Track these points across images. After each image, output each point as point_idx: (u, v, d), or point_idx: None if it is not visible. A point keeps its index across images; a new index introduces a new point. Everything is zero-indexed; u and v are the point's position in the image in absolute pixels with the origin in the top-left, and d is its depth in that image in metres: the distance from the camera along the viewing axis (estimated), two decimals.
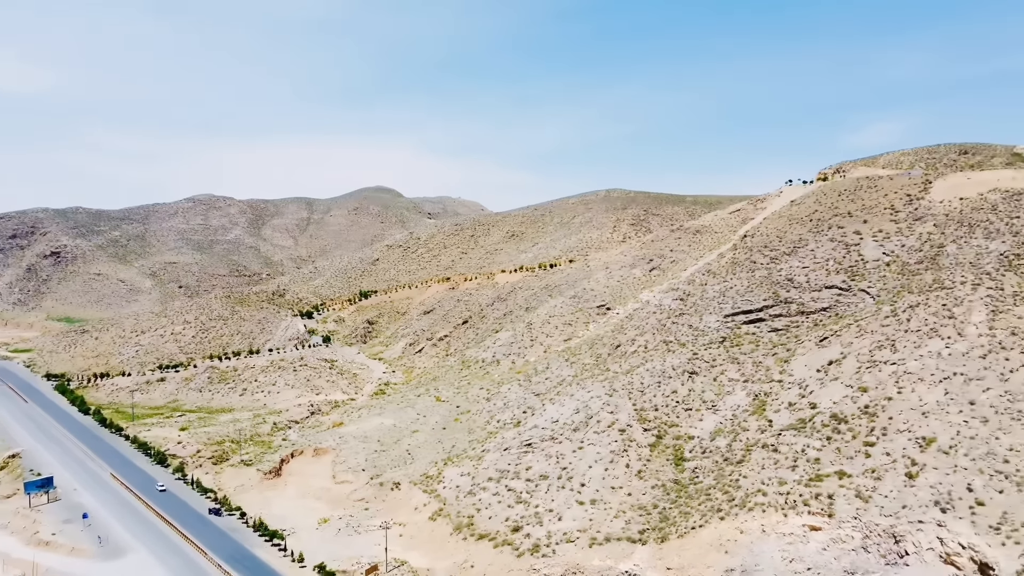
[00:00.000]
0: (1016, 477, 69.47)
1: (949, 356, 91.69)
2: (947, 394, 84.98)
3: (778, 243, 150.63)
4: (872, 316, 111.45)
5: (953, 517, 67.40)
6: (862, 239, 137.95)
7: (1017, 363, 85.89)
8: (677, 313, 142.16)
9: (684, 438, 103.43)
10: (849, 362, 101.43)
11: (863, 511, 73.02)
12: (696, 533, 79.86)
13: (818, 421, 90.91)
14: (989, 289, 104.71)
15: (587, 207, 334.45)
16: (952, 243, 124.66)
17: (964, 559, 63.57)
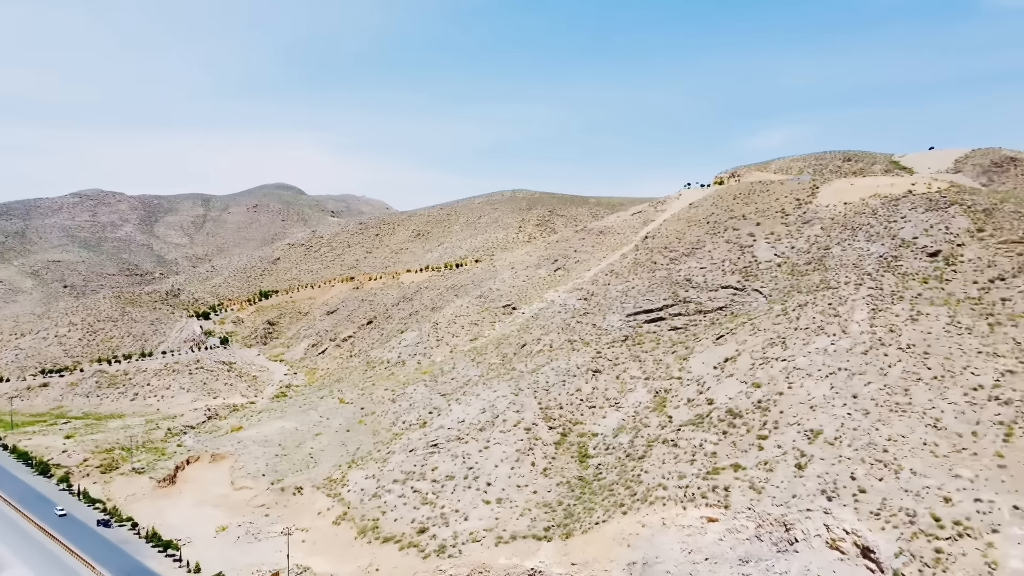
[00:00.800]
0: (894, 465, 74.05)
1: (834, 352, 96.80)
2: (832, 388, 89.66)
3: (677, 244, 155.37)
4: (765, 315, 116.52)
5: (838, 504, 71.24)
6: (755, 241, 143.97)
7: (895, 358, 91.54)
8: (581, 312, 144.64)
9: (588, 435, 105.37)
10: (744, 359, 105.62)
11: (756, 502, 76.20)
12: (600, 528, 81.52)
13: (715, 416, 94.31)
14: (870, 289, 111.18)
15: (493, 207, 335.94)
16: (837, 245, 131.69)
17: (848, 544, 67.24)
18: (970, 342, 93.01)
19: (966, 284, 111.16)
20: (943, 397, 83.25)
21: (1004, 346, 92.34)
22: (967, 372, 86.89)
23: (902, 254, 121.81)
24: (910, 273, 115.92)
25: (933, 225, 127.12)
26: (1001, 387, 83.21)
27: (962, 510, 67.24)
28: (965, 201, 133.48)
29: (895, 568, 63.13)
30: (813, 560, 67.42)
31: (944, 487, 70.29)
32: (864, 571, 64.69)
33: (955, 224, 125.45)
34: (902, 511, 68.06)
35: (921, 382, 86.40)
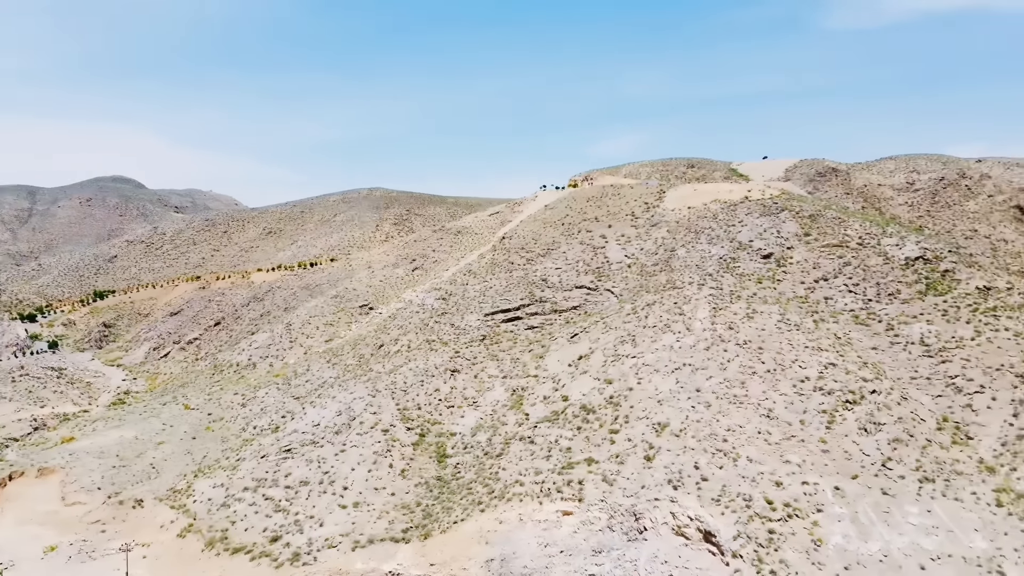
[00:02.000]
0: (733, 454, 79.10)
1: (679, 349, 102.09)
2: (678, 383, 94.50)
3: (534, 245, 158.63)
4: (616, 314, 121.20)
5: (683, 493, 75.23)
6: (607, 242, 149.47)
7: (733, 354, 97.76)
8: (439, 312, 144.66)
9: (446, 435, 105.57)
10: (596, 356, 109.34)
11: (609, 493, 79.10)
12: (458, 527, 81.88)
13: (569, 412, 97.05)
14: (711, 289, 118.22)
15: (349, 205, 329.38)
16: (682, 247, 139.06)
17: (692, 529, 71.14)
18: (798, 337, 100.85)
19: (795, 284, 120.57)
20: (775, 389, 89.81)
21: (827, 340, 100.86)
22: (795, 365, 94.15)
23: (740, 256, 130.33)
24: (746, 274, 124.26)
25: (767, 229, 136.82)
26: (824, 378, 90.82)
27: (791, 493, 72.83)
28: (794, 207, 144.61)
29: (733, 550, 67.36)
30: (660, 547, 70.80)
31: (776, 472, 75.83)
32: (706, 554, 68.67)
33: (785, 229, 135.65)
34: (739, 496, 72.78)
35: (756, 375, 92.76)
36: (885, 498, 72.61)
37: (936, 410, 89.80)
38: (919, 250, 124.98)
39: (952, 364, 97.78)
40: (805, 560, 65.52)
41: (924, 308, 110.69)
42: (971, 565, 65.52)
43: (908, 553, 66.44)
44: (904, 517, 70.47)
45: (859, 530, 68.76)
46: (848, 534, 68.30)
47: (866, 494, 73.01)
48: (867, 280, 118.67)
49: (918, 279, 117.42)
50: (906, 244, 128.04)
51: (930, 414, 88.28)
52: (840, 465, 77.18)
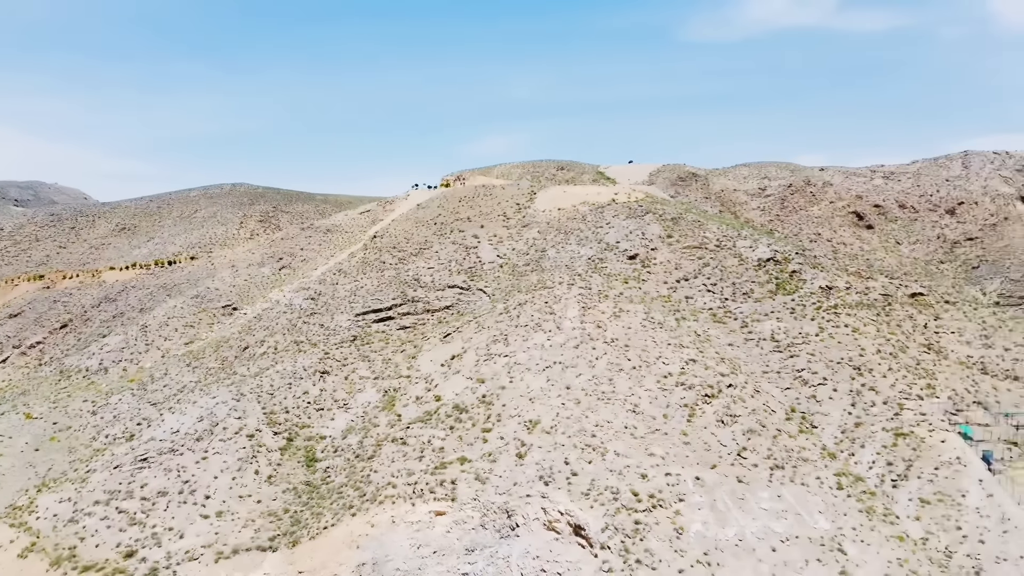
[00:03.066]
0: (601, 449, 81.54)
1: (550, 347, 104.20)
2: (549, 381, 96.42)
3: (406, 244, 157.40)
4: (488, 313, 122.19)
5: (554, 488, 76.84)
6: (480, 242, 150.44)
7: (601, 352, 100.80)
8: (308, 313, 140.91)
9: (316, 438, 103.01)
10: (469, 356, 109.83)
11: (481, 492, 79.66)
12: (328, 533, 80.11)
13: (442, 412, 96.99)
14: (581, 289, 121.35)
15: (212, 201, 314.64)
16: (552, 248, 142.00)
17: (563, 524, 72.80)
18: (661, 335, 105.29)
19: (658, 284, 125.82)
20: (640, 385, 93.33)
21: (688, 338, 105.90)
22: (659, 362, 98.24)
23: (607, 257, 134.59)
24: (614, 274, 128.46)
25: (632, 231, 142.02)
26: (686, 374, 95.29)
27: (655, 484, 75.93)
28: (658, 210, 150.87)
29: (602, 541, 69.48)
30: (532, 542, 72.01)
31: (641, 465, 78.82)
32: (576, 547, 70.47)
33: (650, 231, 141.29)
34: (608, 489, 75.16)
35: (623, 372, 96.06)
36: (740, 486, 77.02)
37: (785, 401, 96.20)
38: (770, 252, 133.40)
39: (799, 358, 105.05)
40: (668, 548, 68.50)
41: (775, 306, 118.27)
42: (816, 545, 70.62)
43: (761, 536, 70.78)
44: (757, 503, 75.02)
45: (717, 517, 72.59)
46: (707, 521, 71.96)
47: (723, 483, 77.17)
48: (724, 280, 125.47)
49: (769, 279, 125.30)
50: (759, 246, 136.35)
51: (780, 405, 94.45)
52: (700, 456, 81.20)
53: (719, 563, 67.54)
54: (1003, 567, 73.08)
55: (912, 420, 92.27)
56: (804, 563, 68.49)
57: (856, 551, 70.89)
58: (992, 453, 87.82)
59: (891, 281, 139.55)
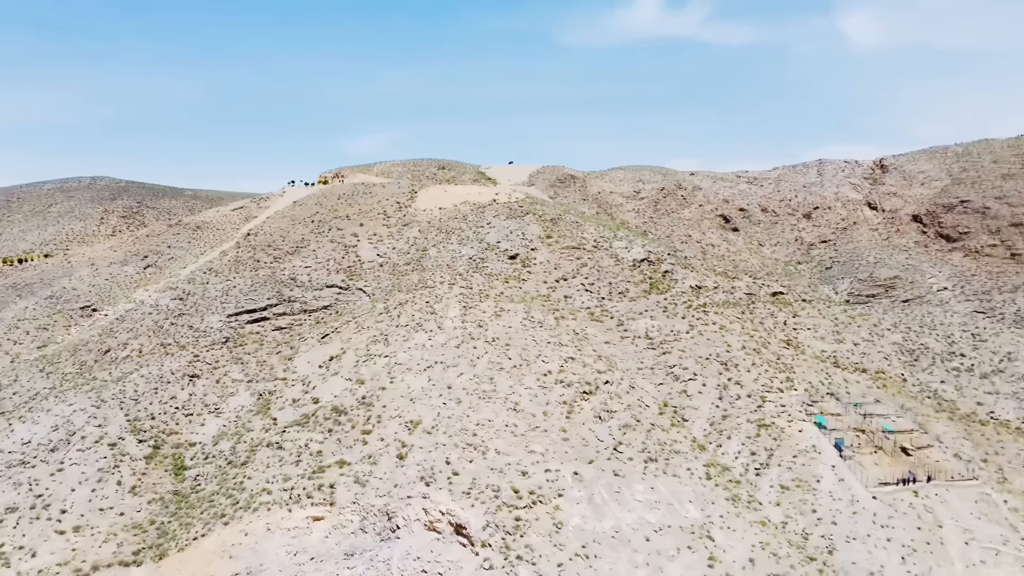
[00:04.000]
0: (482, 447, 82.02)
1: (431, 347, 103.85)
2: (430, 381, 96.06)
3: (282, 242, 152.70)
4: (368, 313, 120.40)
5: (435, 488, 76.63)
6: (359, 241, 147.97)
7: (482, 351, 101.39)
8: (176, 314, 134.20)
9: (185, 445, 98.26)
10: (348, 357, 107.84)
11: (361, 495, 78.38)
12: (198, 543, 76.56)
13: (320, 415, 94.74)
14: (462, 288, 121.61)
15: (68, 195, 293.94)
16: (433, 247, 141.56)
17: (444, 524, 72.72)
18: (541, 334, 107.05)
19: (538, 284, 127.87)
20: (521, 383, 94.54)
21: (567, 336, 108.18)
22: (539, 360, 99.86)
23: (488, 256, 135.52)
24: (494, 274, 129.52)
25: (513, 231, 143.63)
26: (565, 372, 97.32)
27: (536, 481, 77.13)
28: (537, 211, 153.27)
29: (483, 539, 69.91)
30: (413, 544, 71.55)
31: (522, 462, 79.86)
32: (458, 546, 70.57)
33: (530, 231, 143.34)
34: (488, 488, 75.68)
35: (503, 371, 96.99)
36: (617, 479, 79.41)
37: (658, 396, 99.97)
38: (644, 252, 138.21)
39: (671, 355, 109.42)
40: (548, 543, 69.72)
41: (648, 305, 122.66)
42: (687, 533, 73.78)
43: (636, 527, 73.25)
44: (632, 495, 77.59)
45: (595, 510, 74.55)
46: (585, 515, 73.78)
47: (601, 477, 79.33)
48: (601, 280, 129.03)
49: (644, 279, 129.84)
50: (633, 247, 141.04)
51: (653, 400, 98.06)
52: (578, 452, 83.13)
53: (596, 555, 69.37)
54: (853, 545, 78.85)
55: (773, 412, 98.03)
56: (676, 551, 71.41)
57: (723, 537, 74.56)
58: (843, 441, 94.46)
59: (754, 281, 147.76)
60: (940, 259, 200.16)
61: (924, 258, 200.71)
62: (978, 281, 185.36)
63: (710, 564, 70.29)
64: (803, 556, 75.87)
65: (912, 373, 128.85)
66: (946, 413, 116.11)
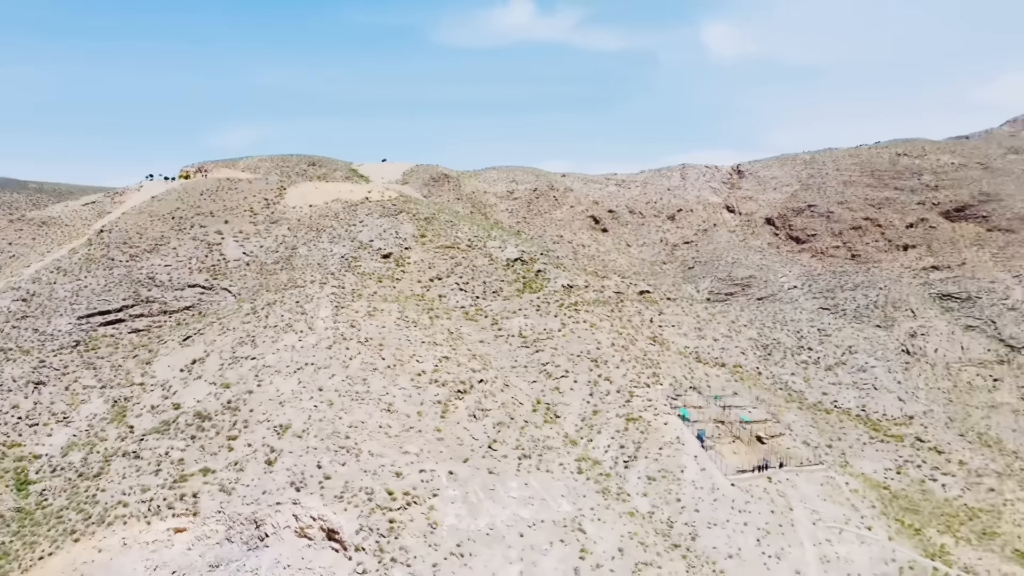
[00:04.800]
0: (355, 450, 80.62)
1: (302, 348, 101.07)
2: (300, 383, 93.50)
3: (139, 240, 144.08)
4: (234, 314, 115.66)
5: (306, 494, 74.66)
6: (224, 239, 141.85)
7: (355, 351, 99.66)
8: (19, 316, 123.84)
9: (29, 458, 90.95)
10: (212, 359, 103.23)
11: (227, 504, 75.28)
12: (45, 563, 71.20)
13: (182, 421, 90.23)
14: (334, 287, 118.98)
15: None
16: (304, 245, 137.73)
17: (315, 529, 71.01)
18: (416, 334, 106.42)
19: (412, 283, 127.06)
20: (395, 384, 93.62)
21: (441, 336, 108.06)
22: (413, 360, 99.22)
23: (361, 255, 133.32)
24: (368, 273, 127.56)
25: (386, 230, 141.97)
26: (439, 371, 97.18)
27: (410, 481, 76.62)
28: (411, 210, 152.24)
29: (356, 543, 68.80)
30: (283, 551, 69.45)
31: (396, 463, 79.11)
32: (330, 552, 69.07)
33: (403, 230, 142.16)
34: (362, 491, 74.51)
35: (377, 371, 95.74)
36: (491, 477, 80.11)
37: (532, 394, 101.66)
38: (518, 252, 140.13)
39: (544, 353, 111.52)
40: (423, 543, 69.45)
41: (522, 304, 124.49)
42: (559, 527, 75.45)
43: (510, 524, 74.18)
44: (507, 492, 78.52)
45: (470, 509, 74.90)
46: (460, 514, 73.99)
47: (475, 475, 79.79)
48: (475, 279, 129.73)
49: (517, 278, 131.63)
50: (507, 247, 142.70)
51: (527, 398, 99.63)
52: (453, 451, 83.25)
53: (472, 553, 69.73)
54: (714, 530, 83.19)
55: (641, 406, 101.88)
56: (549, 545, 72.87)
57: (594, 529, 76.78)
58: (705, 432, 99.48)
59: (623, 280, 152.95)
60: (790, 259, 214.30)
61: (776, 259, 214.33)
62: (823, 280, 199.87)
63: (581, 556, 72.18)
64: (668, 544, 79.29)
65: (766, 366, 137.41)
66: (796, 403, 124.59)
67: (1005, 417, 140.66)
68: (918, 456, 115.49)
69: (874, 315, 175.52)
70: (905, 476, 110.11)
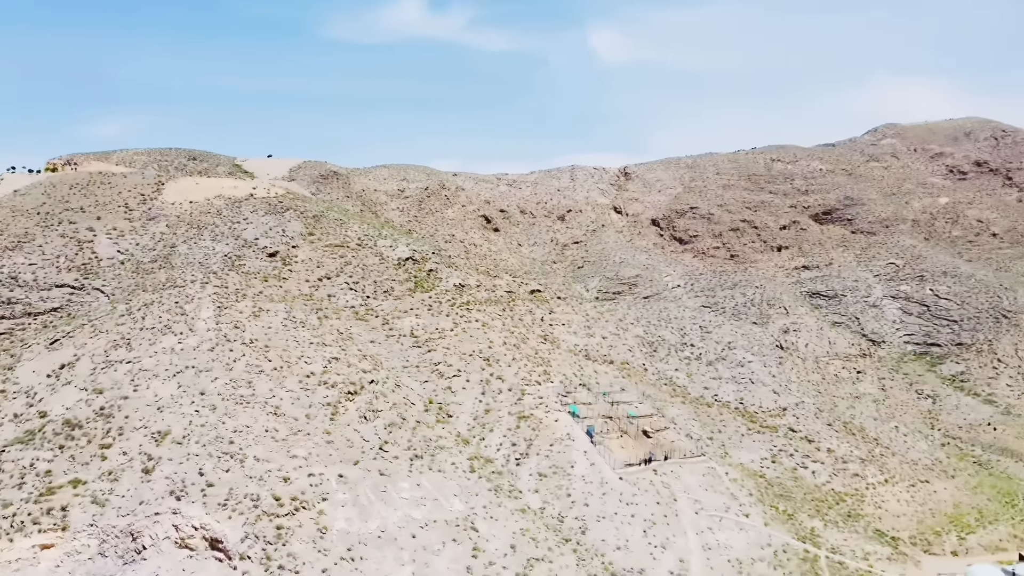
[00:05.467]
0: (240, 455, 77.90)
1: (182, 351, 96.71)
2: (180, 387, 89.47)
3: (0, 237, 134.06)
4: (107, 315, 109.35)
5: (187, 503, 71.52)
6: (96, 236, 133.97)
7: (239, 353, 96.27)
8: None
9: None
10: (83, 364, 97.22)
11: (100, 516, 71.16)
12: None
13: (49, 430, 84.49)
14: (216, 287, 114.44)
15: None
16: (183, 243, 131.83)
17: (197, 539, 68.17)
18: (304, 334, 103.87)
19: (300, 282, 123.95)
20: (282, 386, 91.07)
21: (330, 336, 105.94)
22: (301, 361, 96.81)
23: (245, 254, 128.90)
24: (253, 272, 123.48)
25: (272, 228, 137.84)
26: (328, 372, 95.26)
27: (298, 486, 74.74)
28: (299, 207, 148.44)
29: (241, 552, 66.56)
30: (162, 564, 66.34)
31: (283, 468, 76.99)
32: (213, 562, 66.48)
33: (291, 228, 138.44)
34: (247, 497, 72.10)
35: (263, 374, 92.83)
36: (382, 478, 79.23)
37: (424, 394, 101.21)
38: (409, 251, 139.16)
39: (436, 352, 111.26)
40: (312, 549, 67.92)
41: (413, 304, 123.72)
42: (452, 526, 75.48)
43: (402, 525, 73.62)
44: (398, 493, 77.87)
45: (360, 512, 73.82)
46: (351, 517, 72.81)
47: (366, 477, 78.70)
48: (366, 278, 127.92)
49: (408, 277, 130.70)
50: (398, 246, 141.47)
51: (419, 398, 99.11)
52: (343, 453, 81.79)
53: (362, 557, 68.75)
54: (603, 524, 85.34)
55: (532, 404, 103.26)
56: (441, 545, 72.76)
57: (486, 527, 77.23)
58: (594, 427, 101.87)
59: (514, 279, 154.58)
60: (674, 259, 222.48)
61: (661, 258, 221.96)
62: (705, 279, 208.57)
63: (474, 555, 72.46)
64: (559, 538, 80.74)
65: (652, 363, 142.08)
66: (679, 398, 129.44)
67: (867, 406, 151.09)
68: (791, 445, 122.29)
69: (751, 312, 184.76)
70: (779, 465, 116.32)
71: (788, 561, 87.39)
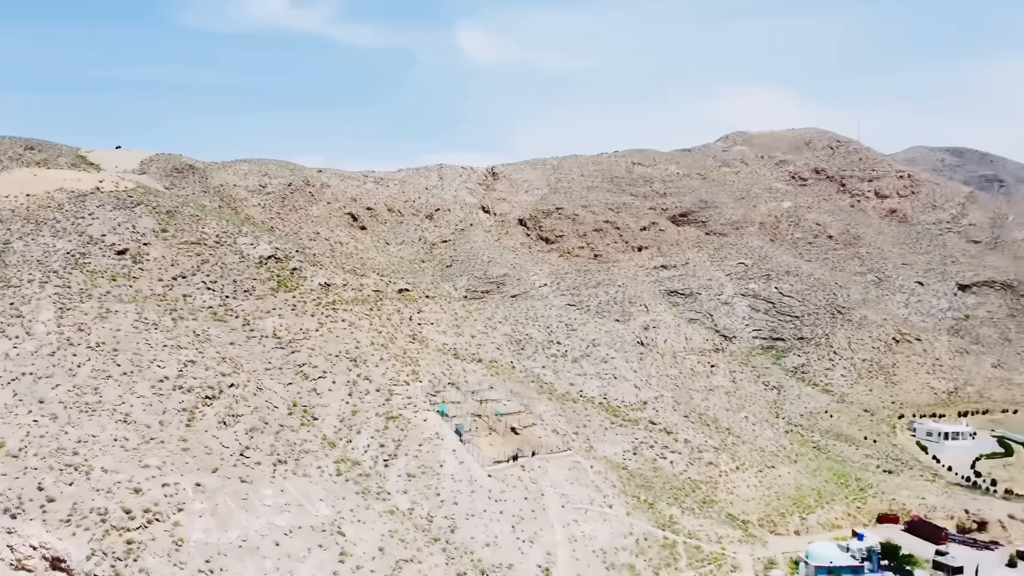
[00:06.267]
0: (85, 467, 72.72)
1: (18, 356, 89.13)
2: (16, 395, 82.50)
3: None
4: None
5: (24, 520, 66.03)
6: None
7: (84, 358, 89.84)
8: None
9: None
10: None
11: None
12: None
13: None
14: (57, 287, 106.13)
15: None
16: (19, 240, 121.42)
17: (36, 559, 63.22)
18: (157, 336, 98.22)
19: (152, 282, 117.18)
20: (132, 392, 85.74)
21: (186, 338, 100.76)
22: (154, 365, 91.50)
23: (91, 251, 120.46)
24: (99, 271, 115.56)
25: (121, 223, 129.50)
26: (184, 376, 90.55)
27: (152, 497, 70.67)
28: (151, 202, 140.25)
29: (87, 570, 62.40)
30: None
31: (134, 479, 72.55)
32: None
33: (142, 224, 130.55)
34: (94, 512, 67.50)
35: (111, 379, 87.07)
36: (244, 485, 76.24)
37: (288, 396, 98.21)
38: (272, 249, 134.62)
39: (300, 353, 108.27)
40: (167, 563, 64.51)
41: (276, 303, 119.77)
42: (317, 532, 73.73)
43: (264, 533, 71.16)
44: (261, 500, 75.19)
45: (219, 521, 70.74)
46: (209, 527, 69.64)
47: (226, 485, 75.47)
48: (225, 277, 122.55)
49: (271, 276, 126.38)
50: (260, 243, 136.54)
51: (283, 401, 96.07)
52: (201, 461, 78.04)
53: (222, 568, 65.94)
54: (472, 521, 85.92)
55: (401, 404, 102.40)
56: (307, 551, 70.91)
57: (354, 530, 75.94)
58: (463, 426, 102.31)
59: (382, 278, 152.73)
60: (541, 259, 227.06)
61: (528, 258, 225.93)
62: (570, 278, 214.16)
63: (341, 559, 71.15)
64: (428, 538, 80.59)
65: (519, 360, 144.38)
66: (546, 394, 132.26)
67: (720, 398, 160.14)
68: (651, 437, 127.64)
69: (614, 310, 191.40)
70: (640, 456, 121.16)
71: (649, 548, 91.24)
